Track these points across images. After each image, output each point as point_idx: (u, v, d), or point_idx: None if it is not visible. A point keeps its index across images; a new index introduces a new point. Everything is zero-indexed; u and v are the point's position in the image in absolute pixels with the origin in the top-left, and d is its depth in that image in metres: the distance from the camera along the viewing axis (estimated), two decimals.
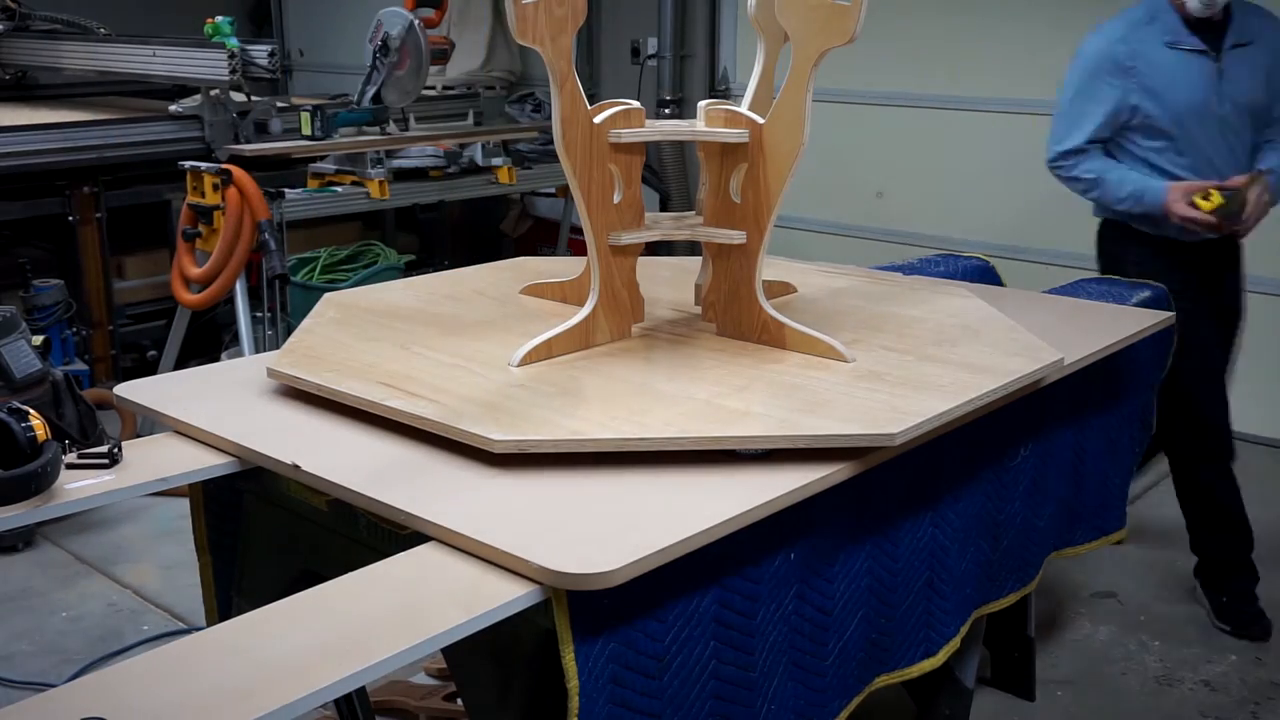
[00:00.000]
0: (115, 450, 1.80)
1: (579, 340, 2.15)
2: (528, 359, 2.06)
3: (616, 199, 2.15)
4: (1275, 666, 3.08)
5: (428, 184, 5.13)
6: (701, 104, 2.23)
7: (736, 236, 2.17)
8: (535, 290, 2.55)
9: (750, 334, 2.21)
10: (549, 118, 2.10)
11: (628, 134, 2.11)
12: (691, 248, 2.32)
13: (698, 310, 2.34)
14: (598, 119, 2.09)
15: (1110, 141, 3.19)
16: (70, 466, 1.75)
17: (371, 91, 4.86)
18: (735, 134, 2.12)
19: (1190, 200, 3.01)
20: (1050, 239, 5.08)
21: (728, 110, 2.16)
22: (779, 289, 2.53)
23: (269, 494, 1.97)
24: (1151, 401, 2.86)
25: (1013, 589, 2.40)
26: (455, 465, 1.75)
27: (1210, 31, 3.08)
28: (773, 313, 2.18)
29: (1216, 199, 2.98)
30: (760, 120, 2.11)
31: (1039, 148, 4.99)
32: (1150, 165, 3.15)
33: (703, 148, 2.21)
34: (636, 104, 2.15)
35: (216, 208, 4.28)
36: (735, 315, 2.23)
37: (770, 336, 2.18)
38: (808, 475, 1.72)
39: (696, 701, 1.64)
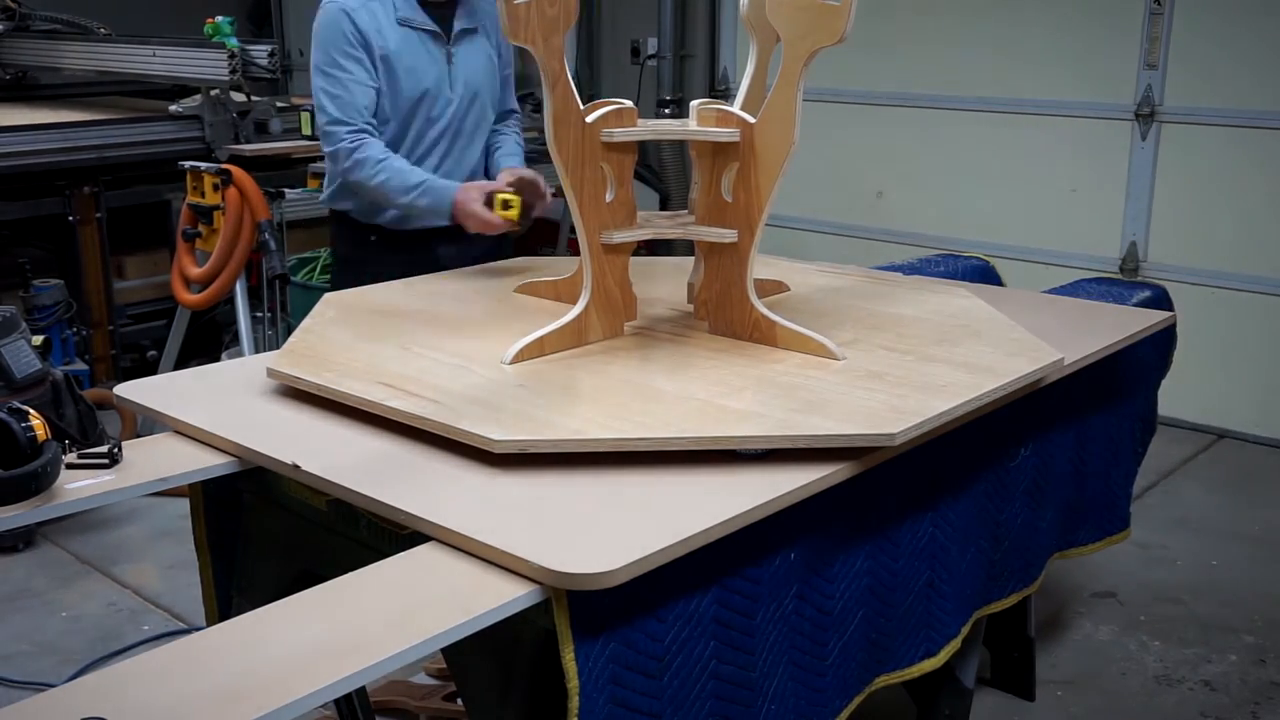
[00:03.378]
0: (115, 450, 1.80)
1: (572, 338, 2.16)
2: (520, 356, 2.07)
3: (609, 198, 2.15)
4: (1275, 666, 3.08)
5: None
6: (694, 103, 2.24)
7: (728, 235, 2.18)
8: (529, 289, 2.55)
9: (742, 332, 2.21)
10: None
11: (619, 133, 2.12)
12: (691, 247, 2.33)
13: (691, 308, 2.35)
14: (590, 118, 2.09)
15: None
16: (70, 466, 1.75)
17: None
18: (726, 133, 2.13)
19: (488, 203, 2.71)
20: (1050, 239, 5.08)
21: (719, 110, 2.17)
22: (771, 288, 2.54)
23: (269, 494, 1.97)
24: (1153, 401, 2.86)
25: (1015, 589, 2.40)
26: (455, 465, 1.75)
27: (440, 12, 2.85)
28: (764, 311, 2.18)
29: (517, 205, 2.71)
30: (751, 120, 2.12)
31: (1039, 148, 5.03)
32: None
33: (695, 147, 2.21)
34: (629, 103, 2.15)
35: (216, 208, 4.28)
36: (727, 313, 2.23)
37: (762, 334, 2.19)
38: (808, 475, 1.72)
39: (696, 701, 1.64)
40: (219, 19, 4.84)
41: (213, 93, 4.91)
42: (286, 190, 4.56)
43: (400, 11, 2.80)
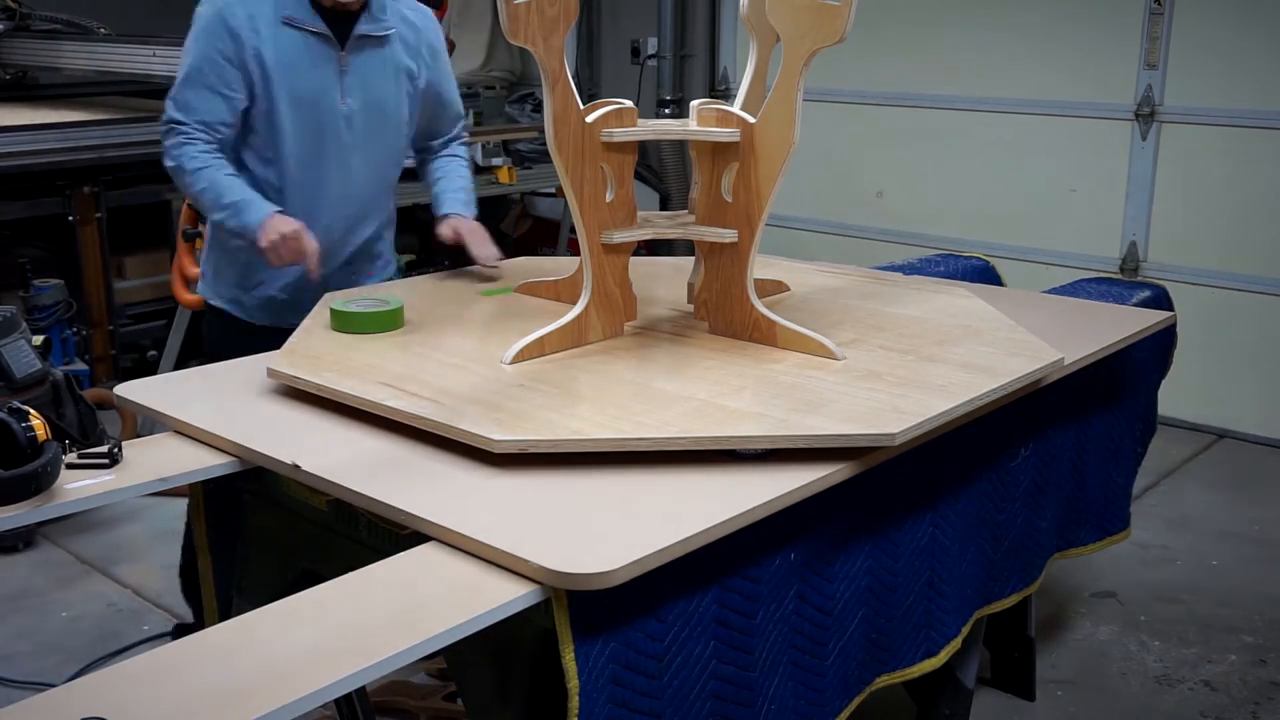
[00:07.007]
0: (115, 450, 1.80)
1: (572, 338, 2.16)
2: (520, 356, 2.07)
3: (609, 198, 2.15)
4: (1275, 666, 3.08)
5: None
6: (694, 103, 2.24)
7: (728, 235, 2.18)
8: (529, 289, 2.55)
9: (742, 332, 2.21)
10: None
11: (619, 133, 2.12)
12: (691, 247, 2.33)
13: (691, 308, 2.35)
14: (589, 118, 2.09)
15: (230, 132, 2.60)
16: (70, 466, 1.75)
17: None
18: (726, 133, 2.13)
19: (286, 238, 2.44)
20: (1050, 239, 5.08)
21: (719, 110, 2.17)
22: (771, 288, 2.54)
23: (269, 494, 1.97)
24: (1153, 401, 2.86)
25: (1015, 589, 2.40)
26: (455, 465, 1.75)
27: (335, 15, 2.56)
28: (764, 311, 2.18)
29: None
30: (751, 120, 2.12)
31: (1039, 148, 5.03)
32: (244, 167, 2.62)
33: (695, 147, 2.21)
34: (629, 103, 2.15)
35: None
36: (727, 313, 2.23)
37: (761, 334, 2.19)
38: (808, 475, 1.72)
39: (696, 701, 1.64)
40: None
41: None
42: None
43: (286, 10, 2.53)
